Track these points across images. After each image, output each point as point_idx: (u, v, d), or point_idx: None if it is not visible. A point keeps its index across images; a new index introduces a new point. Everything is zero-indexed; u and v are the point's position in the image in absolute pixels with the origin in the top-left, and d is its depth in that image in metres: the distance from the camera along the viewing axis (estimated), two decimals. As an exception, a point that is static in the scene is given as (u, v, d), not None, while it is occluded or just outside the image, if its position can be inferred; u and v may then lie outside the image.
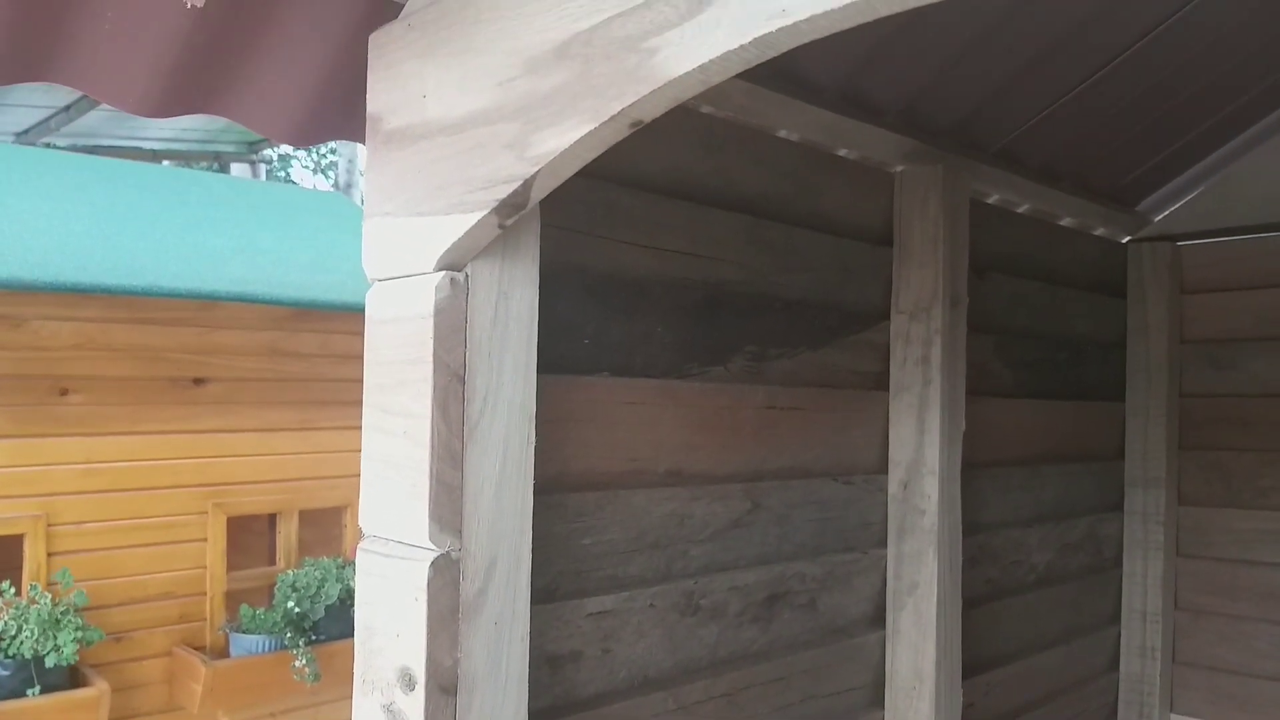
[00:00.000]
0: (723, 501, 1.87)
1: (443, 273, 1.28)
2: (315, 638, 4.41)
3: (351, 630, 1.42)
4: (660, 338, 1.76)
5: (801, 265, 2.03)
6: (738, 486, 1.90)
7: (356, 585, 1.38)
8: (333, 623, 4.44)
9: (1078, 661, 2.95)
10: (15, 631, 3.76)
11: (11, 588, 3.91)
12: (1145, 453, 3.09)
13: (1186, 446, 3.12)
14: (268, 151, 9.23)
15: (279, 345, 4.69)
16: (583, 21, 1.11)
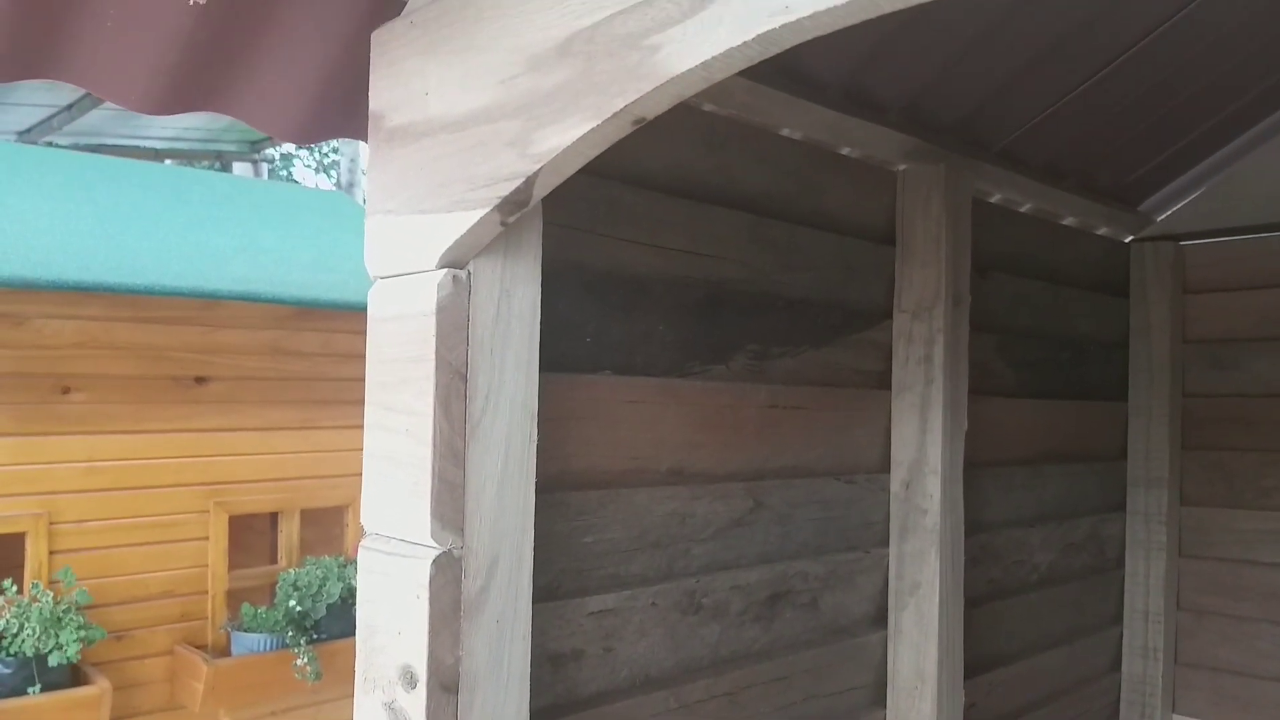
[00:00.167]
0: (725, 500, 1.87)
1: (445, 270, 1.28)
2: (317, 636, 4.41)
3: (353, 629, 1.41)
4: (662, 336, 1.76)
5: (804, 264, 2.03)
6: (740, 485, 1.90)
7: (358, 583, 1.38)
8: (334, 621, 4.44)
9: (1080, 662, 2.94)
10: (17, 630, 3.76)
11: (13, 586, 3.91)
12: (1148, 453, 3.09)
13: (1189, 446, 3.12)
14: (270, 151, 9.22)
15: (281, 344, 4.70)
16: (585, 19, 1.10)
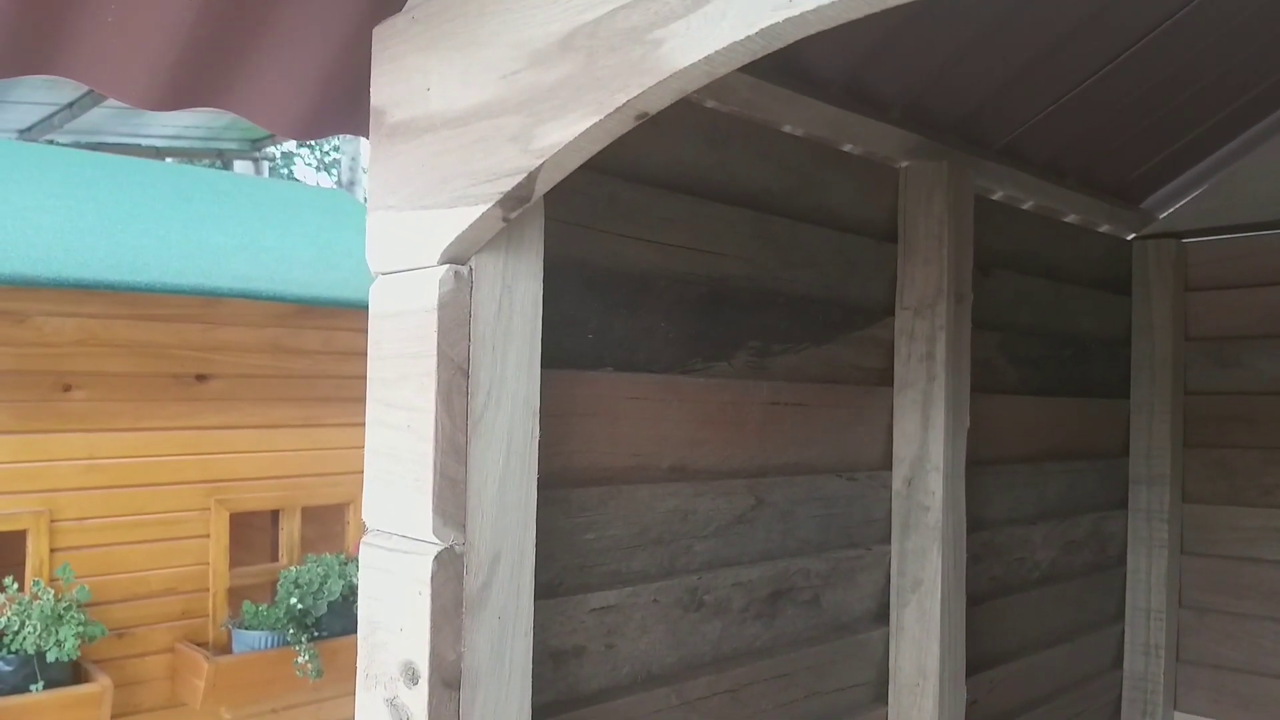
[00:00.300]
0: (726, 497, 1.87)
1: (446, 266, 1.27)
2: (318, 634, 4.42)
3: (354, 627, 1.41)
4: (664, 333, 1.75)
5: (806, 260, 2.03)
6: (741, 482, 1.90)
7: (360, 579, 1.38)
8: (335, 619, 4.44)
9: (1081, 659, 2.94)
10: (18, 627, 3.76)
11: (14, 584, 3.91)
12: (1149, 450, 3.08)
13: (1191, 444, 3.12)
14: (271, 149, 9.21)
15: (282, 342, 4.70)
16: (587, 13, 1.10)
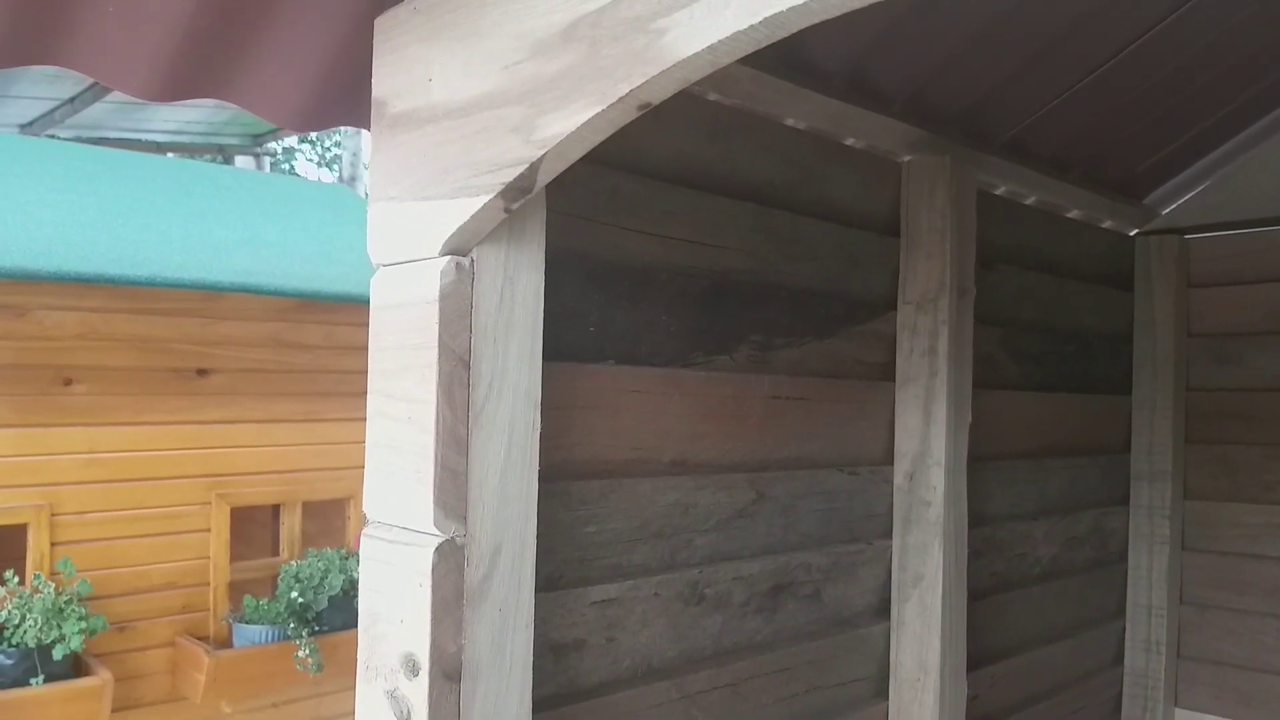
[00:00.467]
0: (727, 491, 1.86)
1: (448, 257, 1.27)
2: (318, 628, 4.42)
3: (354, 621, 1.41)
4: (665, 326, 1.75)
5: (807, 254, 2.02)
6: (743, 476, 1.89)
7: (360, 571, 1.38)
8: (336, 613, 4.44)
9: (1082, 655, 2.94)
10: (19, 621, 3.76)
11: (15, 577, 3.91)
12: (1151, 446, 3.08)
13: (1193, 440, 3.11)
14: (272, 145, 9.20)
15: (283, 336, 4.69)
16: (590, 3, 1.09)
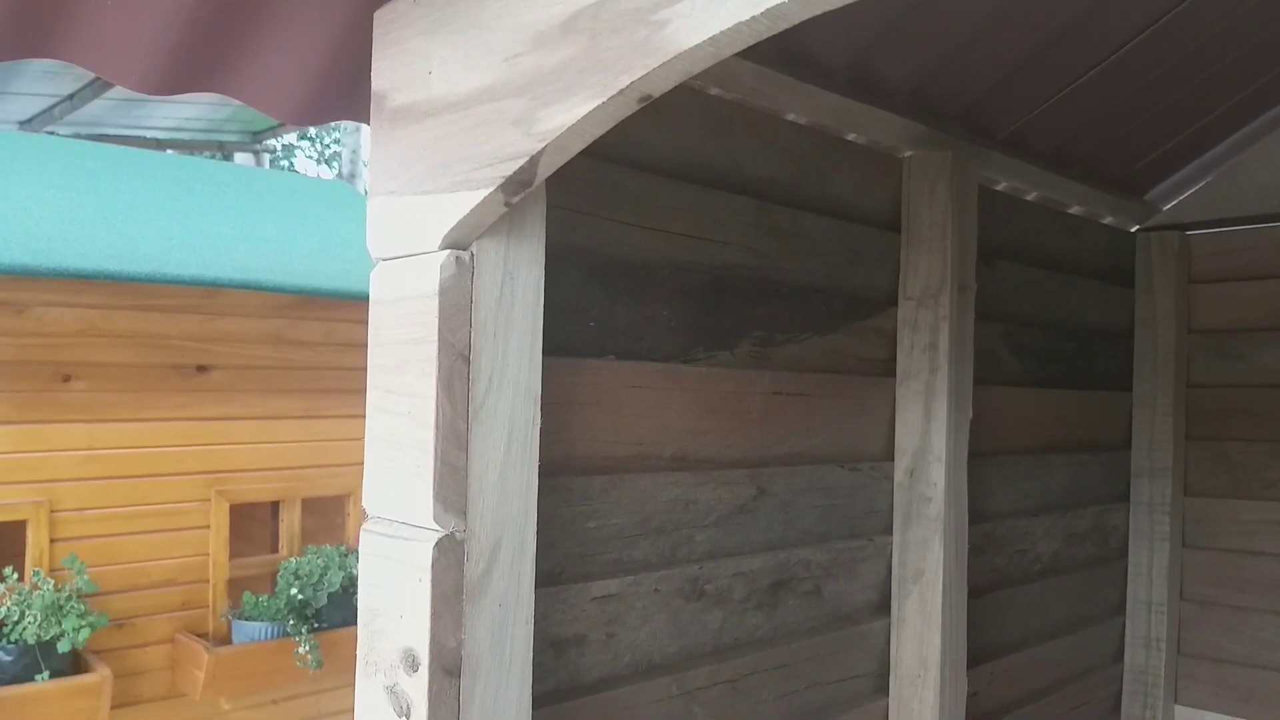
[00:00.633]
0: (728, 487, 1.86)
1: (448, 251, 1.27)
2: (318, 625, 4.42)
3: (354, 618, 1.40)
4: (666, 321, 1.75)
5: (808, 250, 2.02)
6: (743, 472, 1.89)
7: (360, 566, 1.37)
8: (335, 610, 4.44)
9: (1082, 652, 2.94)
10: (18, 618, 3.76)
11: (14, 574, 3.91)
12: (1152, 443, 3.08)
13: (1193, 437, 3.11)
14: (271, 141, 9.20)
15: (283, 333, 4.69)
16: (591, -5, 1.09)
